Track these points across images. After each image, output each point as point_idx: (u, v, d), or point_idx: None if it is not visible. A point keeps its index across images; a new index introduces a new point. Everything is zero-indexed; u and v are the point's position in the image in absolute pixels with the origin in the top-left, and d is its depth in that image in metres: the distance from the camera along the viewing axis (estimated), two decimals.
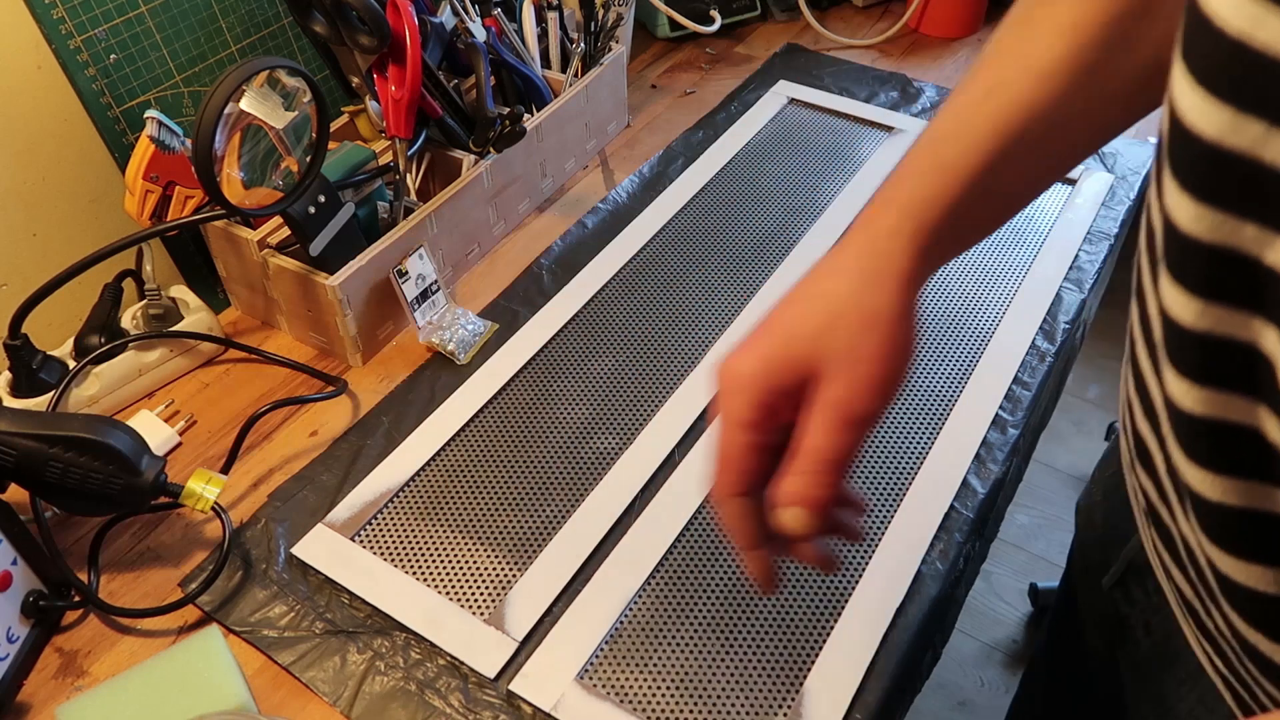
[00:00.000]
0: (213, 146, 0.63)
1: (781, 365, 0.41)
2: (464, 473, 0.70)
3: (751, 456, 0.41)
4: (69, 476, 0.58)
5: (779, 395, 0.41)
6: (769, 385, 0.41)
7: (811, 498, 0.40)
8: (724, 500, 0.42)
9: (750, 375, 0.41)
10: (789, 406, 0.41)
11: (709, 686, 0.57)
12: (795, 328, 0.41)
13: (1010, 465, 0.71)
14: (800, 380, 0.41)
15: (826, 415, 0.40)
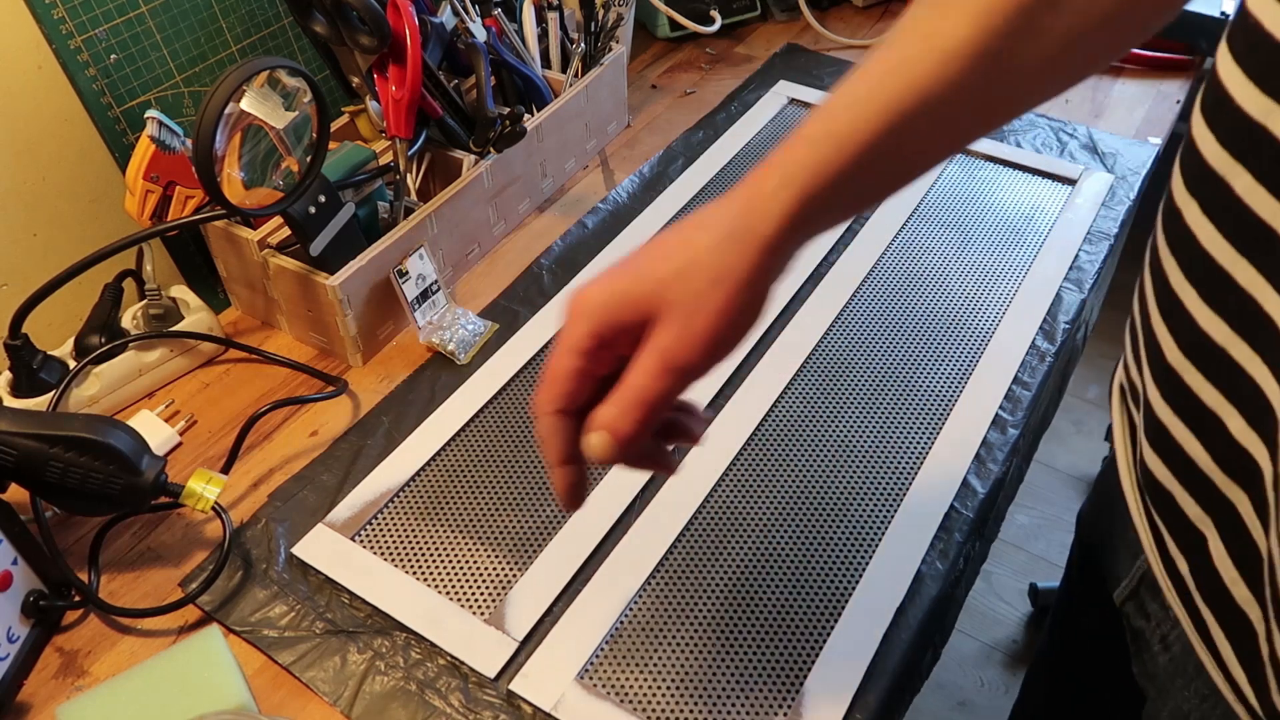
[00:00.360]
0: (213, 146, 0.63)
1: (624, 301, 0.42)
2: (464, 473, 0.70)
3: (575, 380, 0.43)
4: (69, 476, 0.58)
5: (617, 329, 0.42)
6: (608, 319, 0.42)
7: (618, 430, 0.41)
8: (542, 415, 0.44)
9: (593, 305, 0.42)
10: (628, 342, 0.42)
11: (709, 686, 0.58)
12: (648, 269, 0.42)
13: (1010, 465, 0.71)
14: (640, 319, 0.41)
15: (652, 359, 0.41)
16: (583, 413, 0.43)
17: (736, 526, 0.66)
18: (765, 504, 0.67)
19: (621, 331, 0.42)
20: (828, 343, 0.79)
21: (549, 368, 0.43)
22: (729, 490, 0.68)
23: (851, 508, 0.67)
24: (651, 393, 0.41)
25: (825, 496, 0.68)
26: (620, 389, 0.42)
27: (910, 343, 0.78)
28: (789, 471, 0.69)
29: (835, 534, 0.65)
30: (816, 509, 0.67)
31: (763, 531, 0.66)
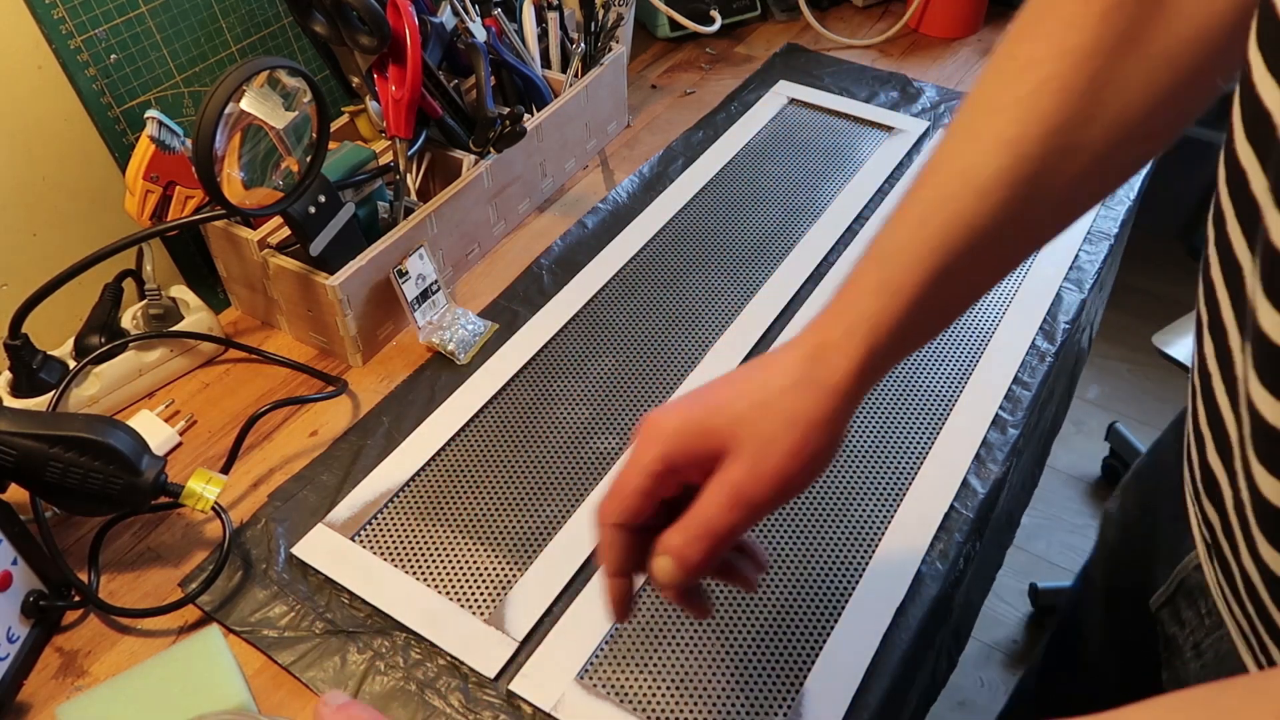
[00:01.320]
0: (213, 146, 0.63)
1: (698, 431, 0.43)
2: (464, 473, 0.70)
3: (641, 499, 0.44)
4: (69, 476, 0.58)
5: (688, 457, 0.43)
6: (681, 446, 0.43)
7: (685, 557, 0.43)
8: (604, 525, 0.45)
9: (668, 432, 0.44)
10: (696, 470, 0.44)
11: (709, 686, 0.58)
12: (723, 404, 0.44)
13: (1010, 465, 0.71)
14: (712, 452, 0.43)
15: (722, 490, 0.42)
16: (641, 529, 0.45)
17: None
18: None
19: (692, 459, 0.43)
20: None
21: (617, 482, 0.45)
22: None
23: (851, 508, 0.67)
24: (720, 524, 0.42)
25: (825, 496, 0.68)
26: (689, 518, 0.43)
27: None
28: None
29: (835, 534, 0.65)
30: (816, 509, 0.67)
31: (762, 532, 0.66)
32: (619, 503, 0.44)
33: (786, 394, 0.43)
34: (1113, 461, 1.72)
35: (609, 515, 0.45)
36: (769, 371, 0.44)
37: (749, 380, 0.44)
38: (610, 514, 0.45)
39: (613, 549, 0.45)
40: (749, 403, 0.43)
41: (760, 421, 0.42)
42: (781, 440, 0.42)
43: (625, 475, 0.44)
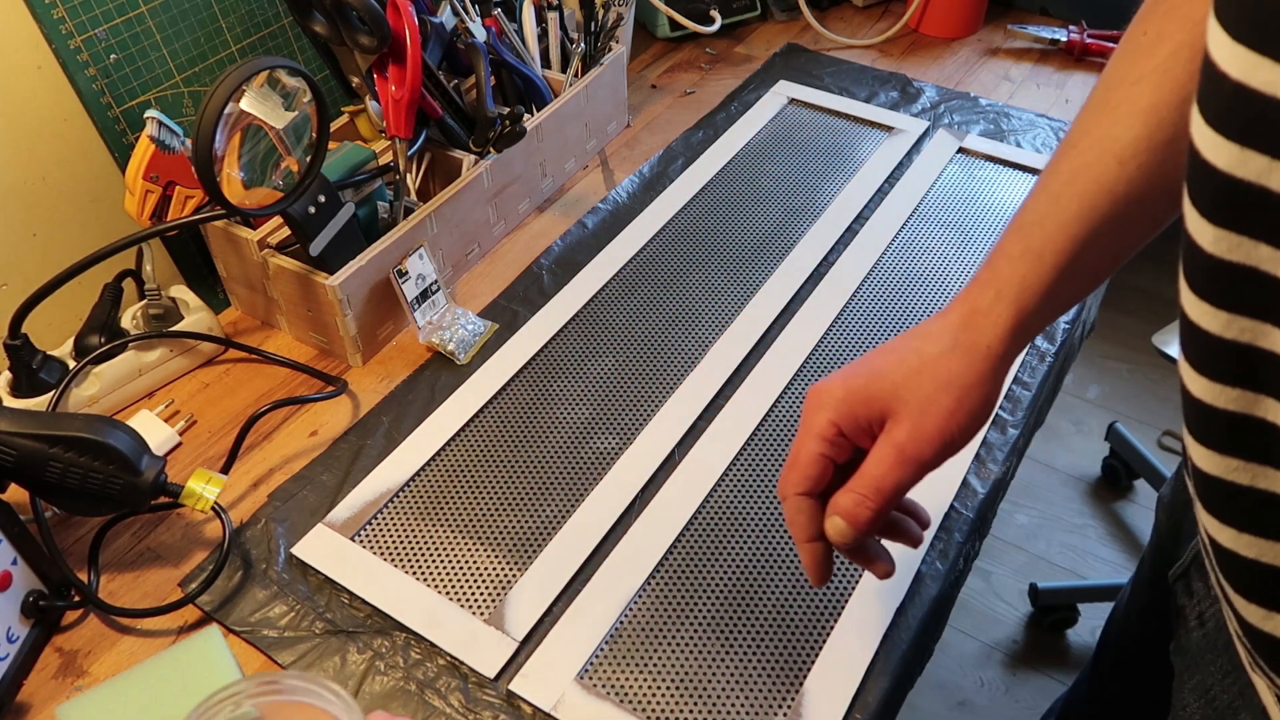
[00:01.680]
0: (213, 146, 0.63)
1: (863, 398, 0.47)
2: (464, 473, 0.70)
3: (817, 464, 0.47)
4: (69, 476, 0.58)
5: (854, 421, 0.47)
6: (848, 411, 0.47)
7: (856, 515, 0.46)
8: (789, 497, 0.48)
9: (834, 397, 0.47)
10: (863, 435, 0.47)
11: (709, 686, 0.58)
12: (883, 371, 0.47)
13: (1010, 465, 0.71)
14: (876, 416, 0.46)
15: (888, 451, 0.46)
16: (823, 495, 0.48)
17: (736, 526, 0.66)
18: (765, 504, 0.67)
19: (858, 425, 0.47)
20: (828, 343, 0.79)
21: (794, 454, 0.48)
22: (729, 490, 0.68)
23: None
24: (887, 483, 0.45)
25: None
26: (857, 479, 0.46)
27: None
28: None
29: None
30: None
31: (763, 531, 0.66)
32: (799, 472, 0.48)
33: (941, 359, 0.46)
34: (1113, 461, 1.72)
35: (791, 486, 0.48)
36: (924, 340, 0.47)
37: (905, 348, 0.47)
38: (793, 484, 0.48)
39: (800, 516, 0.48)
40: (907, 369, 0.46)
41: (919, 386, 0.46)
42: (940, 401, 0.45)
43: (799, 445, 0.48)
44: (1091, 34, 1.12)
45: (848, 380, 0.47)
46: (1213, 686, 0.51)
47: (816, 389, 0.48)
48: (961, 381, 0.46)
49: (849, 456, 0.48)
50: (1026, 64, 1.14)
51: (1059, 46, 1.14)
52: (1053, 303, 0.47)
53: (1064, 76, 1.11)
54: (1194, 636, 0.55)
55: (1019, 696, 1.46)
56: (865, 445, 0.47)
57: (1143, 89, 0.45)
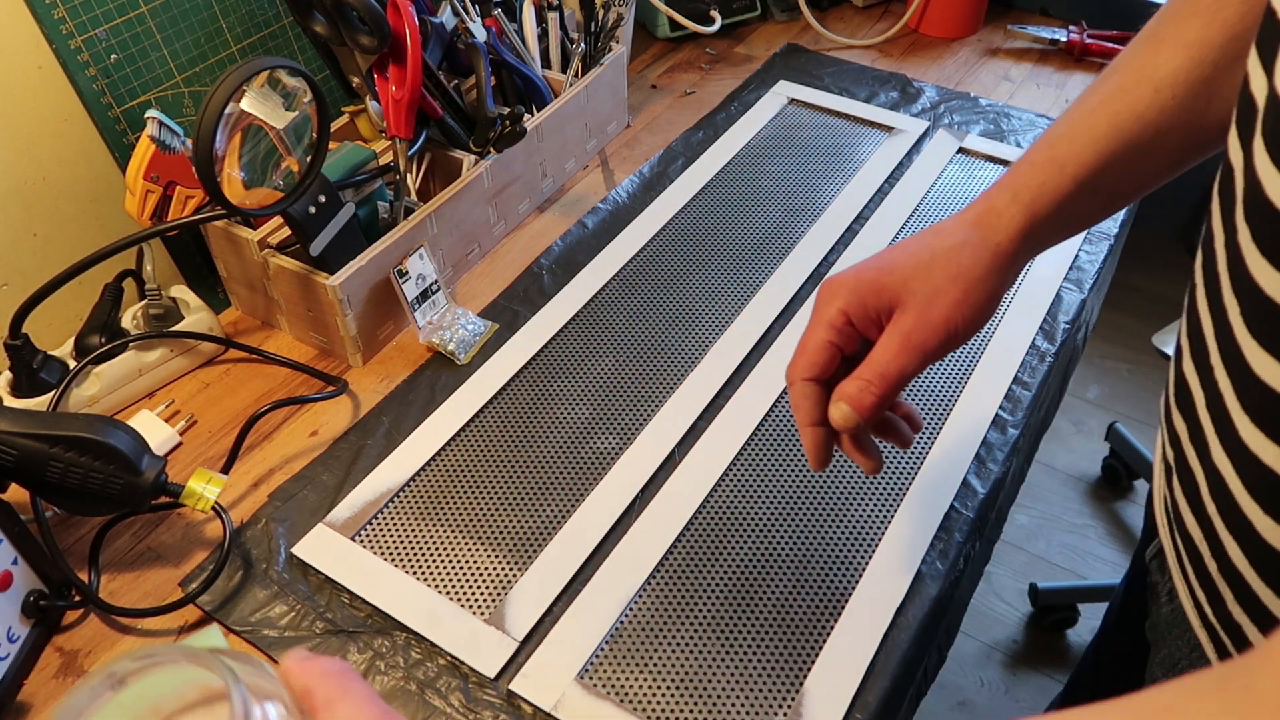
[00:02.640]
0: (213, 146, 0.63)
1: (872, 288, 0.48)
2: (464, 473, 0.70)
3: (826, 352, 0.49)
4: (70, 476, 0.58)
5: (863, 311, 0.48)
6: (857, 300, 0.48)
7: (860, 400, 0.47)
8: (795, 382, 0.50)
9: (845, 288, 0.49)
10: (872, 326, 0.48)
11: (709, 686, 0.58)
12: (894, 264, 0.48)
13: (1010, 465, 0.71)
14: (884, 306, 0.48)
15: (893, 338, 0.47)
16: (828, 384, 0.50)
17: (736, 526, 0.66)
18: (765, 504, 0.67)
19: (867, 314, 0.48)
20: None
21: (803, 341, 0.50)
22: (729, 490, 0.68)
23: (851, 508, 0.67)
24: (891, 369, 0.47)
25: (825, 496, 0.68)
26: (863, 366, 0.48)
27: None
28: (789, 471, 0.69)
29: (835, 534, 0.65)
30: (816, 509, 0.67)
31: (763, 531, 0.66)
32: (806, 358, 0.49)
33: (951, 252, 0.48)
34: (1112, 461, 1.72)
35: (799, 372, 0.50)
36: (937, 235, 0.49)
37: (918, 244, 0.49)
38: (800, 370, 0.50)
39: (804, 401, 0.50)
40: (917, 262, 0.48)
41: (928, 277, 0.47)
42: (948, 292, 0.47)
43: (809, 332, 0.49)
44: (1091, 34, 1.12)
45: (859, 273, 0.49)
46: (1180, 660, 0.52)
47: (829, 281, 0.50)
48: (970, 274, 0.47)
49: (856, 347, 0.49)
50: (1026, 64, 1.14)
51: (1059, 47, 1.14)
52: (1065, 215, 0.48)
53: (1064, 76, 1.11)
54: (1164, 612, 0.55)
55: (1019, 696, 1.46)
56: (873, 337, 0.48)
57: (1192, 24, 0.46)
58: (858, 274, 0.49)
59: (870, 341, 0.49)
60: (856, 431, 0.50)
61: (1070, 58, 1.13)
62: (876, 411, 0.47)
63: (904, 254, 0.49)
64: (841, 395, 0.48)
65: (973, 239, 0.48)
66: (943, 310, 0.47)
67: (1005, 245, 0.48)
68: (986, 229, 0.48)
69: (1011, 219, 0.48)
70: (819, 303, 0.50)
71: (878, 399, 0.47)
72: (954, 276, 0.47)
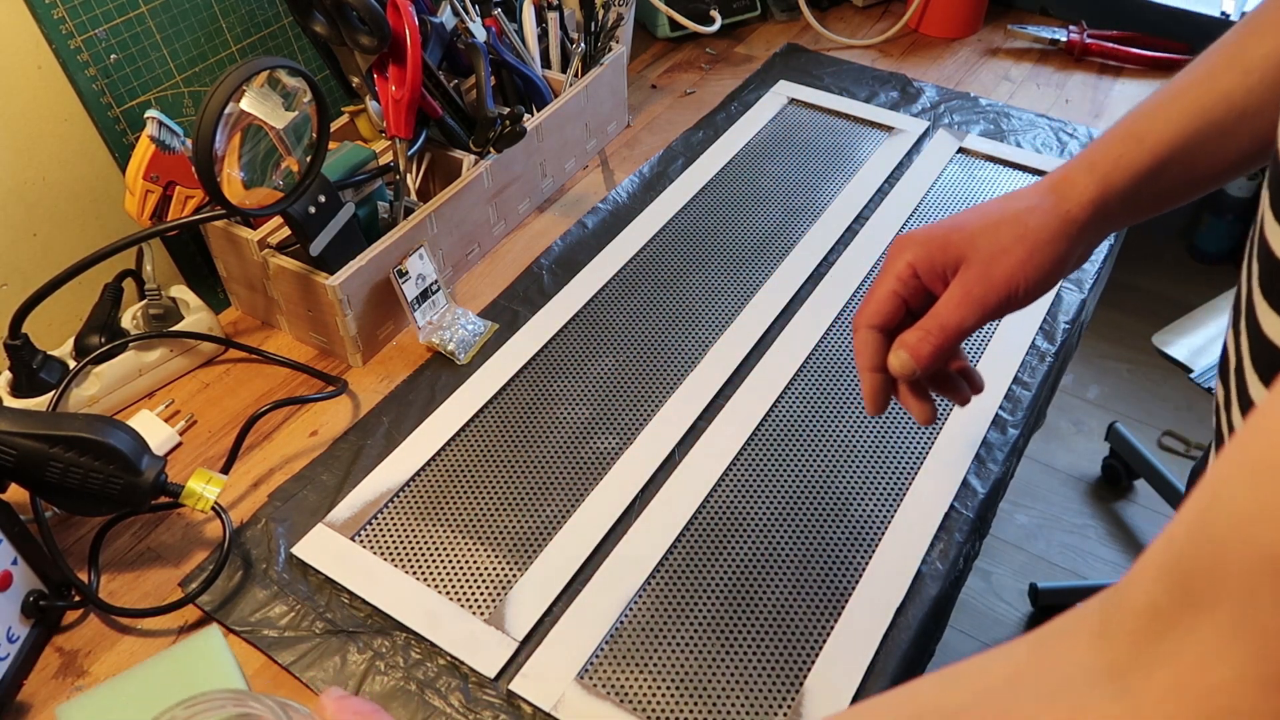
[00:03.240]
0: (213, 146, 0.63)
1: (941, 244, 0.50)
2: (464, 473, 0.70)
3: (891, 302, 0.51)
4: (69, 476, 0.58)
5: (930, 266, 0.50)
6: (925, 254, 0.50)
7: (918, 350, 0.49)
8: (859, 329, 0.52)
9: (915, 242, 0.51)
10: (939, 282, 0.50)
11: (709, 686, 0.58)
12: (965, 223, 0.50)
13: (1011, 465, 0.71)
14: (951, 262, 0.50)
15: (956, 291, 0.49)
16: (891, 335, 0.52)
17: (736, 526, 0.66)
18: (765, 504, 0.67)
19: (934, 269, 0.50)
20: (828, 342, 0.79)
21: (870, 291, 0.52)
22: (729, 490, 0.68)
23: (851, 508, 0.67)
24: (951, 320, 0.49)
25: (825, 496, 0.68)
26: (925, 318, 0.50)
27: None
28: (789, 471, 0.69)
29: (835, 534, 0.65)
30: (816, 509, 0.67)
31: (763, 531, 0.66)
32: (873, 306, 0.52)
33: (1021, 214, 0.49)
34: (1112, 462, 1.72)
35: (864, 319, 0.52)
36: (1011, 199, 0.51)
37: (990, 206, 0.51)
38: (865, 317, 0.52)
39: (866, 347, 0.52)
40: (986, 221, 0.49)
41: (995, 236, 0.49)
42: (1013, 251, 0.48)
43: (877, 283, 0.52)
44: (1091, 34, 1.12)
45: (931, 229, 0.51)
46: None
47: (900, 236, 0.52)
48: (1036, 237, 0.48)
49: (921, 301, 0.51)
50: (1026, 64, 1.14)
51: (1059, 46, 1.14)
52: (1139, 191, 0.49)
53: (1064, 76, 1.11)
54: None
55: None
56: (937, 291, 0.50)
57: None
58: (928, 230, 0.51)
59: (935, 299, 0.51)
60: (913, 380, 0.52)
61: (1070, 58, 1.13)
62: (934, 361, 0.49)
63: (975, 214, 0.50)
64: (902, 343, 0.50)
65: (1044, 203, 0.49)
66: (1006, 269, 0.48)
67: (1076, 213, 0.49)
68: (1059, 195, 0.49)
69: (1085, 188, 0.49)
70: (889, 256, 0.52)
71: (935, 348, 0.49)
72: (1020, 237, 0.48)
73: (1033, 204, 0.49)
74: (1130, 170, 0.48)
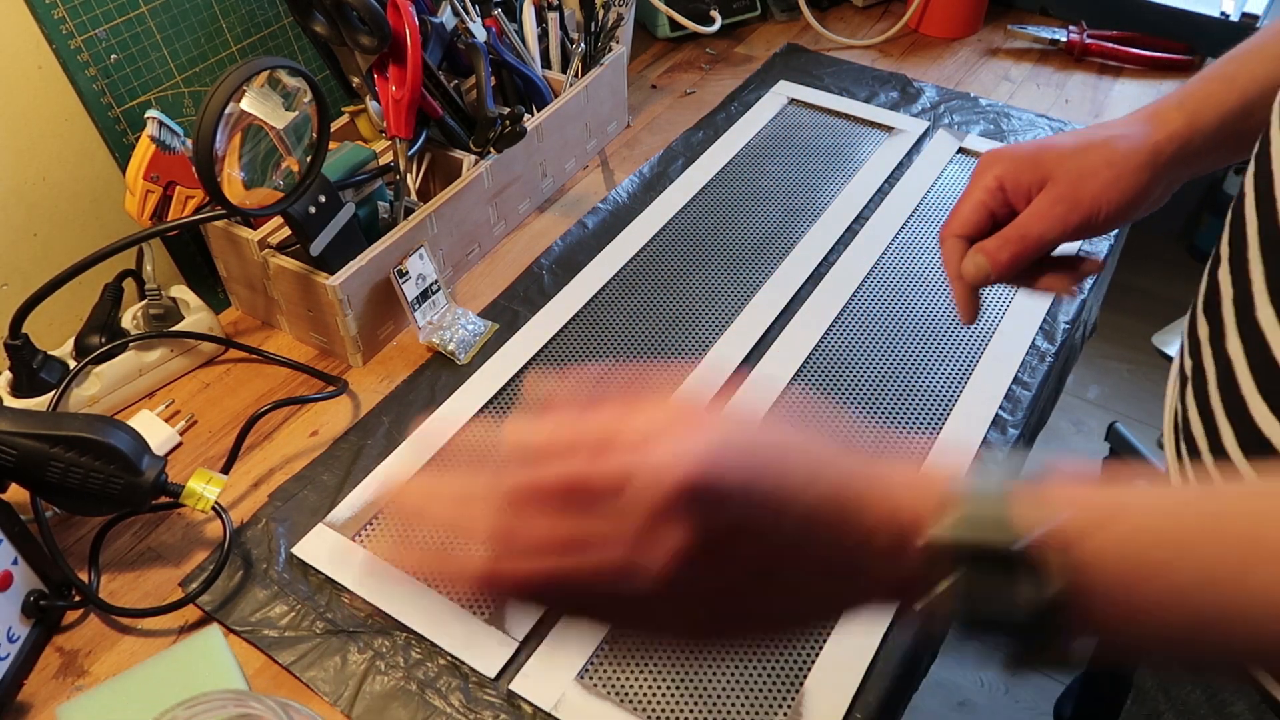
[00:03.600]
0: (213, 146, 0.63)
1: (1030, 162, 0.51)
2: None
3: (978, 212, 0.53)
4: (70, 476, 0.58)
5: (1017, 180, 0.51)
6: (1014, 169, 0.51)
7: (996, 256, 0.51)
8: (946, 238, 0.54)
9: (1005, 158, 0.52)
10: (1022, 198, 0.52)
11: (709, 686, 0.58)
12: (1055, 144, 0.52)
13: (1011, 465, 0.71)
14: (1038, 180, 0.51)
15: (1040, 204, 0.51)
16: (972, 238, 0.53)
17: None
18: None
19: (1021, 185, 0.51)
20: (828, 342, 0.79)
21: (959, 203, 0.54)
22: None
23: None
24: (1031, 230, 0.50)
25: None
26: (1008, 227, 0.52)
27: (910, 343, 0.78)
28: None
29: None
30: None
31: None
32: (960, 217, 0.53)
33: (1111, 141, 0.50)
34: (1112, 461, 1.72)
35: (951, 229, 0.54)
36: (1103, 127, 0.52)
37: (1082, 131, 0.52)
38: (952, 228, 0.54)
39: (954, 255, 0.54)
40: (1077, 144, 0.51)
41: (1083, 157, 0.50)
42: (1101, 174, 0.49)
43: (965, 195, 0.53)
44: (1091, 34, 1.12)
45: (1021, 146, 0.52)
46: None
47: (991, 152, 0.53)
48: (1125, 162, 0.49)
49: (1007, 215, 0.52)
50: (1026, 64, 1.14)
51: (1059, 46, 1.14)
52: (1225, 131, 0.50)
53: (1064, 77, 1.11)
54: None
55: (1019, 696, 1.46)
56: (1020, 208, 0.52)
57: None
58: (1019, 147, 0.52)
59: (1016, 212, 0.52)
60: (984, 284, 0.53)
61: (1070, 58, 1.13)
62: (1009, 269, 0.51)
63: (1066, 137, 0.52)
64: (980, 249, 0.52)
65: (1134, 131, 0.50)
66: (1092, 189, 0.49)
67: (1164, 144, 0.50)
68: (1149, 125, 0.50)
69: (1174, 121, 0.50)
70: (978, 170, 0.53)
71: (1014, 255, 0.50)
72: (1109, 160, 0.49)
73: (1124, 132, 0.51)
74: (1219, 109, 0.50)
